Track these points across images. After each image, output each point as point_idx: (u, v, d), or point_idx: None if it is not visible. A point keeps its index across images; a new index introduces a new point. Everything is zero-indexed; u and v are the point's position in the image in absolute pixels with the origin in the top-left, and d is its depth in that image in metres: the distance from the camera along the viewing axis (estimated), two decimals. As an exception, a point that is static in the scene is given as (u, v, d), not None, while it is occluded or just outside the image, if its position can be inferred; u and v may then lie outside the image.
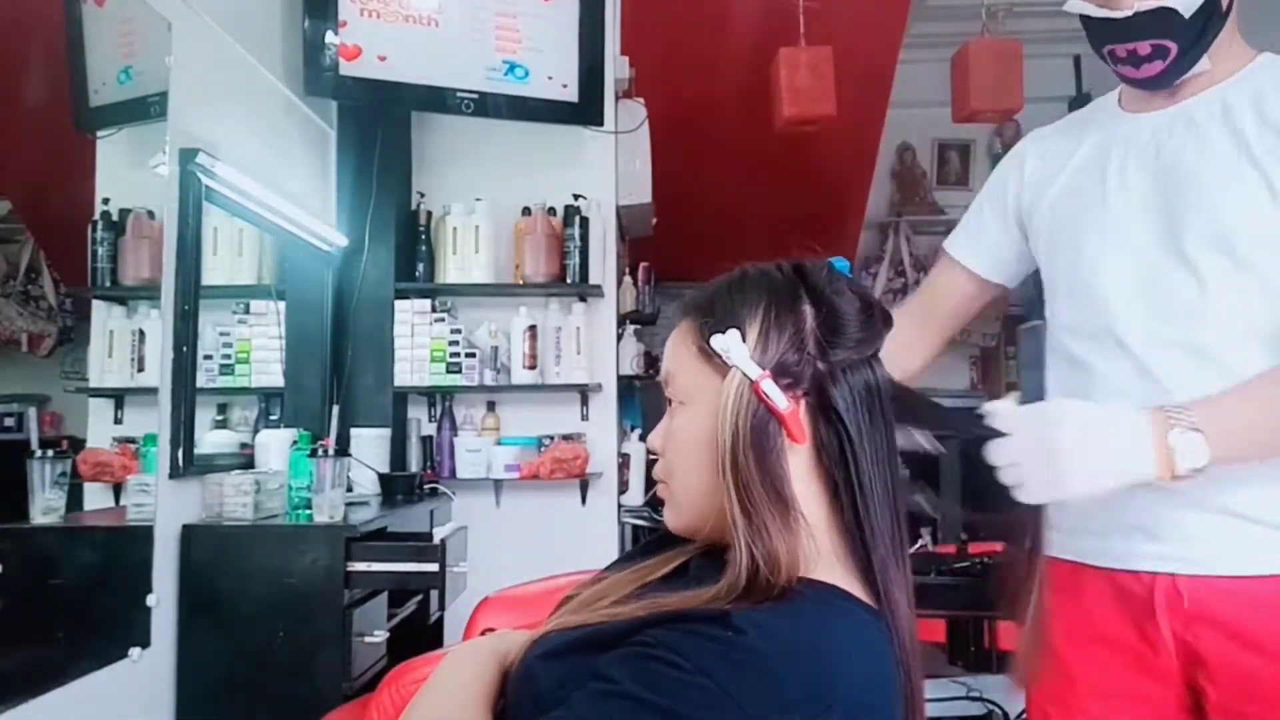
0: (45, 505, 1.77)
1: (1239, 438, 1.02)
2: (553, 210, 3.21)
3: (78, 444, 2.03)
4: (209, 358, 2.75)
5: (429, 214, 3.24)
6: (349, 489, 2.56)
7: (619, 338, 3.47)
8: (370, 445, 2.92)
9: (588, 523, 3.22)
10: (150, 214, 2.14)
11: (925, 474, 2.43)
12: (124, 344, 2.15)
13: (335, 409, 2.85)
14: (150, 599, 1.99)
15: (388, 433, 3.03)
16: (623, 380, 3.45)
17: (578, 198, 3.23)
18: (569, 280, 3.17)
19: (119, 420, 2.14)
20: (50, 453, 1.79)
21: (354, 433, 2.93)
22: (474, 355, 3.13)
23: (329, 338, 3.03)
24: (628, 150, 3.35)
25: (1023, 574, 1.15)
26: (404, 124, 3.24)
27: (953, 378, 5.54)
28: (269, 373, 2.87)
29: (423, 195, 3.27)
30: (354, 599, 2.19)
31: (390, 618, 2.41)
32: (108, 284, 2.15)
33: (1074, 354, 1.22)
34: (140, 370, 2.13)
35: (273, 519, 2.27)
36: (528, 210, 3.20)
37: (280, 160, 2.73)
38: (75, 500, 1.88)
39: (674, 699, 0.63)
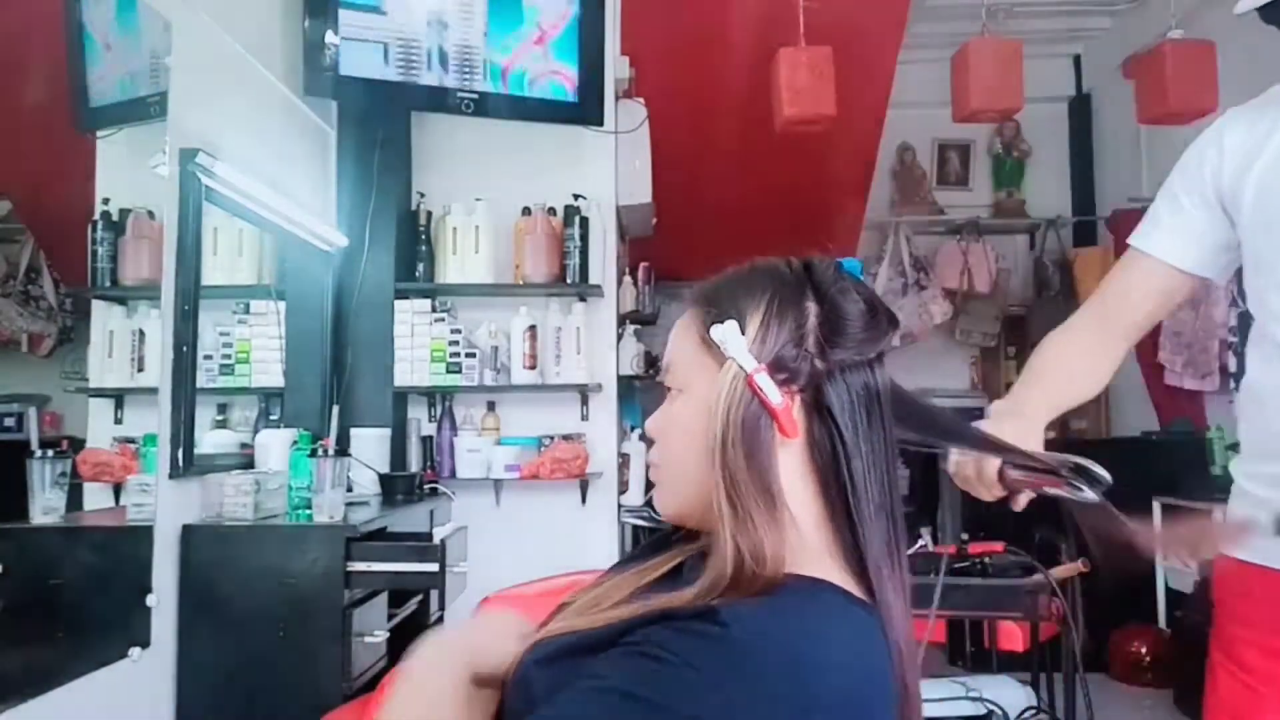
0: (45, 505, 1.77)
1: None
2: (553, 210, 3.21)
3: (78, 444, 2.03)
4: (209, 358, 2.75)
5: (429, 214, 3.25)
6: (349, 489, 2.56)
7: (619, 338, 3.47)
8: (370, 445, 2.93)
9: (587, 523, 3.22)
10: (150, 214, 2.15)
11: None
12: (124, 344, 2.15)
13: (335, 409, 2.84)
14: (150, 599, 2.00)
15: (388, 433, 3.03)
16: (622, 380, 3.45)
17: (578, 198, 3.23)
18: (569, 280, 3.17)
19: (119, 420, 2.14)
20: (50, 453, 1.79)
21: (354, 433, 2.93)
22: (474, 355, 3.13)
23: (329, 338, 3.03)
24: (628, 150, 3.35)
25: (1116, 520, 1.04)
26: (404, 124, 3.24)
27: (953, 378, 5.54)
28: (269, 373, 2.88)
29: (423, 195, 3.27)
30: (354, 599, 2.19)
31: (390, 618, 2.41)
32: (108, 284, 2.16)
33: None
34: (140, 370, 2.13)
35: (273, 519, 2.27)
36: (528, 210, 3.20)
37: (280, 160, 2.73)
38: (75, 500, 1.89)
39: (661, 693, 0.63)
